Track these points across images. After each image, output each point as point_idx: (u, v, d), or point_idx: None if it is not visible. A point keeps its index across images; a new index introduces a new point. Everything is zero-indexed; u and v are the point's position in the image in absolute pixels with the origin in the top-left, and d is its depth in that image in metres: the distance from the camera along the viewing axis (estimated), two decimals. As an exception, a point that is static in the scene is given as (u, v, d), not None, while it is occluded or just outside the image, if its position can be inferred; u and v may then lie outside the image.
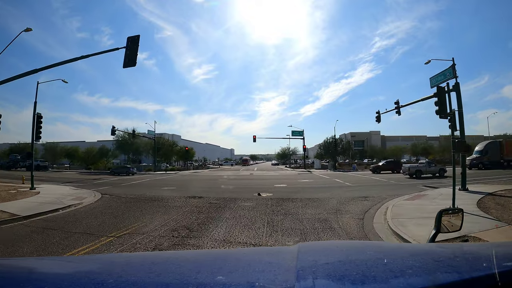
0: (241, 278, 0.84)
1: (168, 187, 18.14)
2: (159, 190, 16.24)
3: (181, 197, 13.11)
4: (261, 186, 18.20)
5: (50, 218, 8.91)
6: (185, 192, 14.92)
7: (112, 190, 16.77)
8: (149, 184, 20.70)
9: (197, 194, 14.06)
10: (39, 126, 18.58)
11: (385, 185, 17.55)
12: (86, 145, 54.33)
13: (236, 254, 1.37)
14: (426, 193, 13.49)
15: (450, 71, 15.38)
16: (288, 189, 16.27)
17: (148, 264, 1.01)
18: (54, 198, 12.80)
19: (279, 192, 14.65)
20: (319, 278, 0.80)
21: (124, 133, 44.05)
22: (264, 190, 15.34)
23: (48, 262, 1.33)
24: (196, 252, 2.89)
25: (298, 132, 47.11)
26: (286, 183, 20.51)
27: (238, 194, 13.91)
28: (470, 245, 1.54)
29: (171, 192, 15.13)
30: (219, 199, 12.08)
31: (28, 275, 0.95)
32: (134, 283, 0.79)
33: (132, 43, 10.37)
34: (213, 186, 18.89)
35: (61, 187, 18.46)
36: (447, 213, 1.77)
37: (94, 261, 1.23)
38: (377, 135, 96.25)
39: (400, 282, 0.75)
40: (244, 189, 16.41)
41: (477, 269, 0.83)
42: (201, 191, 15.66)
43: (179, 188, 17.28)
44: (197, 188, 17.78)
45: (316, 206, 10.05)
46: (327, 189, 15.83)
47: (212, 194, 14.08)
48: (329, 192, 14.40)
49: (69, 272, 1.00)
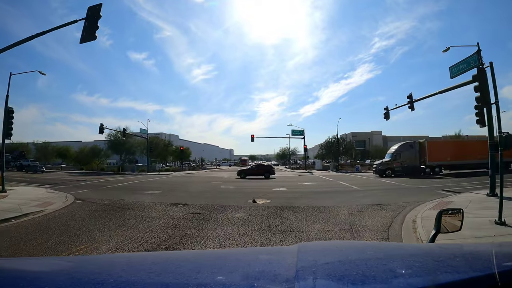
0: (241, 278, 0.83)
1: (153, 190, 16.12)
2: (141, 195, 14.26)
3: (162, 204, 11.11)
4: (258, 189, 16.17)
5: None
6: (170, 198, 12.94)
7: (90, 193, 14.91)
8: (134, 187, 18.68)
9: (182, 200, 12.07)
10: (10, 122, 16.58)
11: (397, 189, 15.50)
12: (83, 145, 52.35)
13: (236, 254, 1.36)
14: (451, 199, 11.47)
15: (474, 58, 13.31)
16: (288, 193, 14.21)
17: (148, 264, 1.00)
18: (18, 203, 10.97)
19: (278, 198, 12.59)
20: (319, 278, 0.79)
21: (117, 132, 42.13)
22: (260, 195, 13.31)
23: (48, 262, 1.28)
24: (196, 252, 2.82)
25: (298, 131, 45.06)
26: (286, 186, 18.42)
27: (230, 200, 11.88)
28: (470, 245, 1.42)
29: (154, 198, 13.14)
30: (205, 208, 10.05)
31: (28, 275, 0.91)
32: (134, 283, 0.79)
33: (93, 14, 8.36)
34: (204, 189, 16.85)
35: (37, 189, 16.64)
36: (447, 213, 1.74)
37: (94, 261, 1.21)
38: (378, 135, 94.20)
39: (400, 282, 0.74)
40: (238, 193, 14.38)
41: (477, 269, 0.84)
42: (189, 196, 13.64)
43: (165, 192, 15.26)
44: (186, 192, 15.76)
45: (324, 219, 8.01)
46: (333, 194, 13.79)
47: (200, 200, 12.08)
48: (336, 198, 12.38)
49: (69, 272, 0.97)
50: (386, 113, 20.77)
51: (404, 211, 9.05)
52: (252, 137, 38.09)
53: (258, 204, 10.72)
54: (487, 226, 6.75)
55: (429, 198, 11.60)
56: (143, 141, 42.81)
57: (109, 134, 43.63)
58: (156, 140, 46.21)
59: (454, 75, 14.55)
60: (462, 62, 14.00)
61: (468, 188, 14.74)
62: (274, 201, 11.48)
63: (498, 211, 6.85)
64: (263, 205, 10.47)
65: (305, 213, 8.80)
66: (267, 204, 10.72)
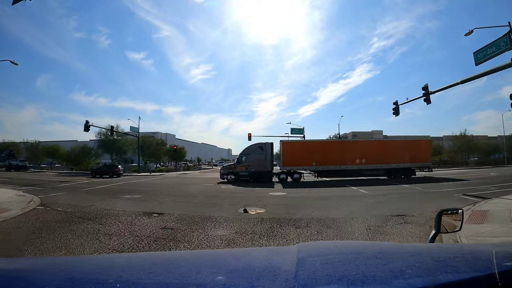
0: (241, 278, 0.83)
1: (133, 194, 14.07)
2: (116, 200, 12.26)
3: (134, 213, 9.11)
4: (251, 194, 14.14)
5: None
6: (147, 204, 10.93)
7: (61, 197, 13.15)
8: (115, 190, 16.63)
9: (160, 207, 10.07)
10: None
11: (412, 194, 13.44)
12: (78, 145, 50.43)
13: (236, 254, 1.37)
14: (484, 207, 9.45)
15: (505, 40, 11.34)
16: (287, 199, 12.16)
17: (148, 264, 1.00)
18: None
19: (275, 205, 10.52)
20: (319, 278, 0.78)
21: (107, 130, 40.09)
22: (254, 201, 11.29)
23: (48, 262, 1.27)
24: (196, 252, 2.80)
25: (298, 129, 42.96)
26: (284, 190, 16.39)
27: (217, 208, 9.85)
28: (470, 245, 1.41)
29: (129, 204, 11.16)
30: (183, 219, 8.02)
31: (28, 275, 0.92)
32: (134, 283, 0.79)
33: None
34: (191, 193, 14.79)
35: (7, 191, 15.08)
36: (447, 213, 1.71)
37: (94, 261, 1.21)
38: (379, 134, 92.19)
39: (400, 282, 0.74)
40: (228, 199, 12.34)
41: (477, 269, 0.83)
42: (171, 201, 11.62)
43: (144, 197, 13.21)
44: (170, 196, 13.71)
45: (335, 238, 5.99)
46: (340, 199, 11.75)
47: (181, 207, 10.07)
48: (345, 205, 10.35)
49: (69, 272, 0.97)
50: (395, 108, 18.79)
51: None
52: (249, 135, 35.97)
53: (250, 214, 8.67)
54: None
55: (458, 205, 9.58)
56: (136, 140, 40.79)
57: (99, 133, 41.66)
58: (149, 139, 44.01)
59: (480, 61, 12.58)
60: (490, 45, 12.03)
61: (493, 193, 12.74)
62: (270, 210, 9.43)
63: None
64: (256, 216, 8.42)
65: (309, 229, 6.73)
66: (261, 214, 8.67)
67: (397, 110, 18.74)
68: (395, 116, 18.90)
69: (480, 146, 45.85)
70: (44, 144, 53.23)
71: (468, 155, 47.02)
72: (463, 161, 43.96)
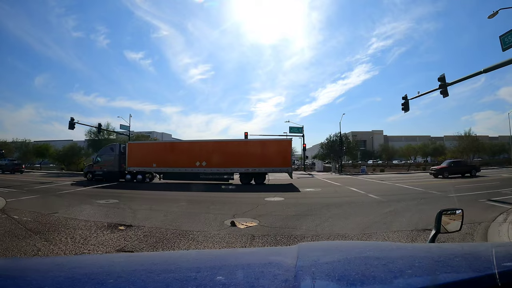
0: (241, 278, 0.82)
1: (109, 199, 12.31)
2: (86, 206, 10.61)
3: (97, 224, 7.47)
4: (244, 200, 12.39)
5: None
6: (118, 212, 9.27)
7: (30, 202, 11.62)
8: (92, 194, 14.87)
9: (131, 217, 8.41)
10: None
11: (432, 199, 11.67)
12: (73, 144, 48.79)
13: (236, 254, 1.37)
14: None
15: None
16: (286, 207, 10.30)
17: (148, 264, 0.99)
18: None
19: (271, 215, 8.64)
20: (318, 278, 0.79)
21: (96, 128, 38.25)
22: (246, 210, 9.53)
23: (48, 262, 1.25)
24: (196, 252, 2.69)
25: (297, 128, 41.25)
26: (283, 194, 14.55)
27: (198, 220, 8.09)
28: (470, 245, 1.33)
29: (98, 212, 9.49)
30: (152, 235, 6.29)
31: (28, 275, 0.91)
32: (134, 283, 0.79)
33: None
34: (175, 197, 12.97)
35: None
36: (447, 213, 1.68)
37: (94, 261, 1.20)
38: (379, 134, 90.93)
39: (400, 282, 0.74)
40: (216, 205, 10.56)
41: (477, 269, 0.83)
42: (145, 210, 9.83)
43: (120, 202, 11.46)
44: (149, 200, 11.93)
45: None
46: (348, 207, 9.95)
47: (156, 217, 8.35)
48: (356, 215, 8.60)
49: (69, 272, 0.94)
50: (404, 103, 17.10)
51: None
52: (246, 134, 34.21)
53: (239, 229, 6.88)
54: None
55: (489, 215, 8.04)
56: (128, 139, 38.98)
57: (89, 131, 39.98)
58: (141, 138, 42.05)
59: (508, 46, 10.88)
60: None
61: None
62: (264, 222, 7.63)
63: None
64: (246, 232, 6.61)
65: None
66: (253, 229, 6.86)
67: (406, 105, 17.04)
68: (404, 112, 17.23)
69: (486, 146, 44.42)
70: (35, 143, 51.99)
71: (473, 155, 45.77)
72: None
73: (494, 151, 45.69)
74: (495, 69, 11.70)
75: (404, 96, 17.12)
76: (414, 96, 16.57)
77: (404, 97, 17.13)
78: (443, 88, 13.42)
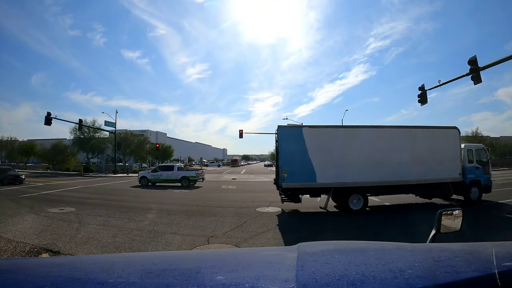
0: (241, 278, 0.82)
1: (66, 206, 9.96)
2: (31, 216, 8.57)
3: (17, 247, 5.41)
4: (233, 208, 9.97)
5: None
6: (61, 228, 7.12)
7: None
8: (51, 198, 12.50)
9: (72, 236, 6.30)
10: None
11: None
12: (67, 142, 46.39)
13: (236, 254, 1.35)
14: None
15: None
16: (284, 221, 7.92)
17: (148, 264, 0.96)
18: None
19: (261, 237, 6.25)
20: (318, 278, 0.77)
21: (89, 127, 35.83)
22: (228, 228, 7.10)
23: (48, 262, 1.23)
24: (196, 252, 2.77)
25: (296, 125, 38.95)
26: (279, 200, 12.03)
27: (156, 244, 5.77)
28: (470, 245, 1.17)
29: (38, 225, 7.49)
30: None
31: (28, 275, 0.89)
32: (134, 283, 0.78)
33: None
34: (147, 205, 10.40)
35: None
36: (447, 213, 1.64)
37: (94, 261, 1.16)
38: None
39: (400, 282, 0.73)
40: (188, 222, 8.00)
41: (477, 269, 0.82)
42: (97, 223, 7.48)
43: (76, 211, 9.14)
44: (110, 210, 9.41)
45: None
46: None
47: (102, 238, 6.11)
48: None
49: (69, 272, 0.93)
50: (421, 94, 14.78)
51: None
52: (241, 132, 31.77)
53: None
54: None
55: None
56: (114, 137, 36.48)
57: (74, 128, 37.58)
58: (129, 136, 39.41)
59: None
60: None
61: None
62: (248, 244, 5.25)
63: None
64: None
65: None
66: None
67: (424, 96, 14.72)
68: (421, 104, 14.89)
69: (496, 146, 42.33)
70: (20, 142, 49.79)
71: (482, 156, 43.81)
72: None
73: (503, 152, 43.74)
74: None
75: (421, 87, 14.81)
76: (434, 86, 14.23)
77: (421, 88, 14.82)
78: (474, 73, 11.05)
